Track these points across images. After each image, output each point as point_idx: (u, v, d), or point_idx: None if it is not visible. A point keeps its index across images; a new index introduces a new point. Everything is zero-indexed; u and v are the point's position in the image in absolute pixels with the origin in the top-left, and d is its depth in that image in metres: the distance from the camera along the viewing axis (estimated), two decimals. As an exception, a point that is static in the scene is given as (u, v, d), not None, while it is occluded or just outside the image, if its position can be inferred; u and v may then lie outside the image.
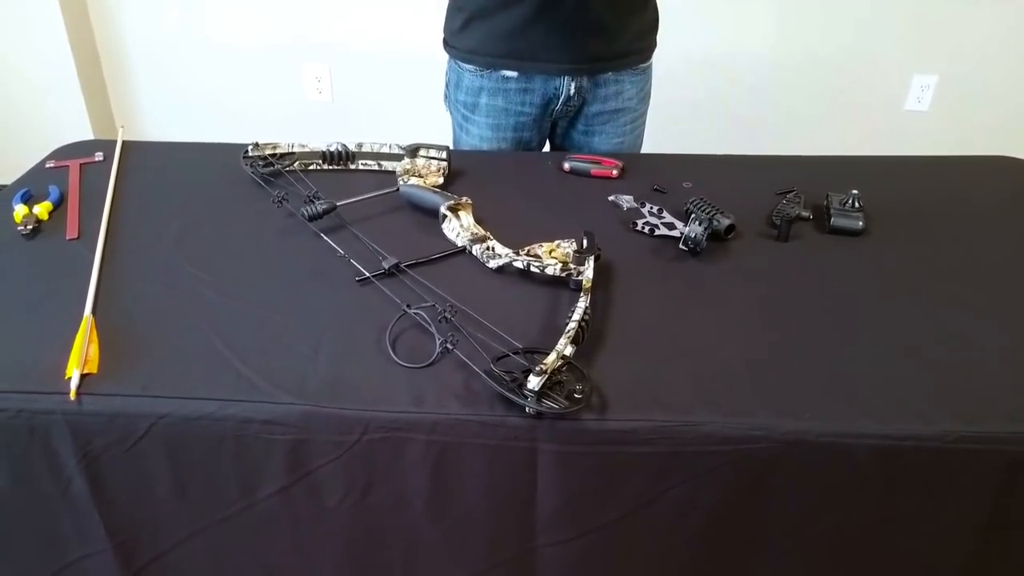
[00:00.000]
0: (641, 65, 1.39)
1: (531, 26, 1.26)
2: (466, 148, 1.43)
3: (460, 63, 1.38)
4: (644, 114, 1.46)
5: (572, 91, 1.33)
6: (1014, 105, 2.64)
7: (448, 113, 1.48)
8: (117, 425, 0.78)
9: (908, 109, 2.68)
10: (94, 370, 0.80)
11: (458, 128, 1.45)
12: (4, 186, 1.22)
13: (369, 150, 1.27)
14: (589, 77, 1.33)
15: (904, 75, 2.63)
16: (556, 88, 1.33)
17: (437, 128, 1.50)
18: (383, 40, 2.66)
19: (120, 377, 0.80)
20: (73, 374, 0.78)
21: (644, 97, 1.43)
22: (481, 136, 1.40)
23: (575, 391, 0.76)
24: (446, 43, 1.40)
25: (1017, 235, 1.08)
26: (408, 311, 0.87)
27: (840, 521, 0.80)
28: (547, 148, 1.49)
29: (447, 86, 1.44)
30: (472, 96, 1.38)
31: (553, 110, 1.37)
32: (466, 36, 1.34)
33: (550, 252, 0.97)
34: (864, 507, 0.79)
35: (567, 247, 0.97)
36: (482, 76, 1.35)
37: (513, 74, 1.33)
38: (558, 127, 1.43)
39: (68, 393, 0.77)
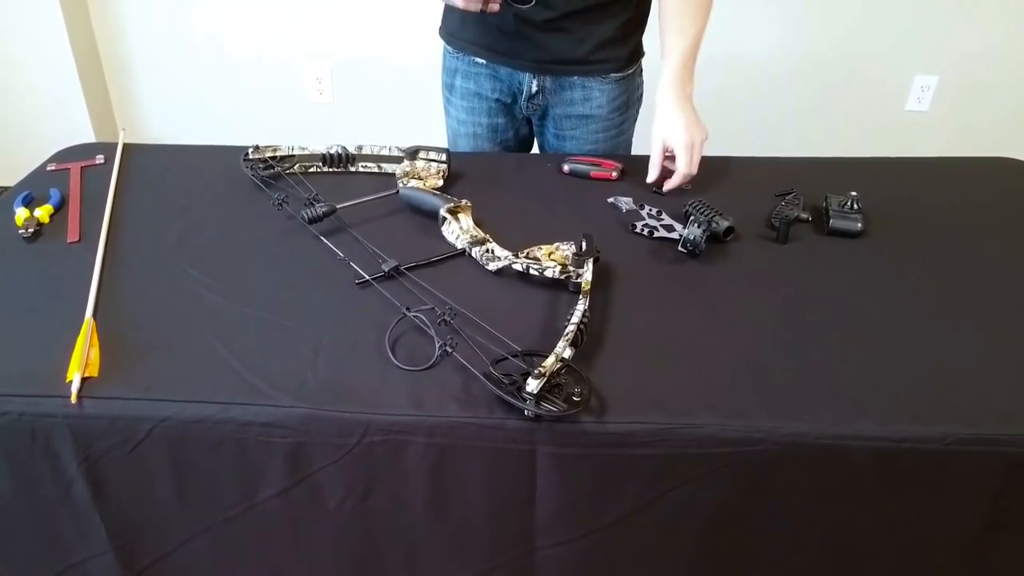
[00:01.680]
0: (613, 75, 1.34)
1: (497, 18, 1.26)
2: (449, 132, 1.47)
3: (444, 44, 1.41)
4: (622, 125, 1.40)
5: (535, 89, 1.34)
6: (1015, 106, 2.63)
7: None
8: (118, 428, 0.78)
9: (909, 109, 2.68)
10: (95, 373, 0.80)
11: (444, 111, 1.48)
12: (5, 189, 1.23)
13: (369, 152, 1.27)
14: (553, 78, 1.33)
15: (905, 75, 2.63)
16: (520, 82, 1.35)
17: (437, 130, 1.50)
18: (384, 42, 2.67)
19: (121, 380, 0.80)
20: (74, 377, 0.79)
21: (619, 108, 1.37)
22: (459, 119, 1.43)
23: (574, 394, 0.76)
24: (441, 26, 1.42)
25: (1016, 237, 1.08)
26: (407, 314, 0.87)
27: (839, 523, 0.80)
28: (535, 149, 1.49)
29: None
30: (450, 77, 1.42)
31: (520, 104, 1.38)
32: (449, 18, 1.38)
33: (549, 254, 0.97)
34: (863, 509, 0.79)
35: (566, 249, 0.97)
36: (457, 58, 1.39)
37: (482, 60, 1.36)
38: (533, 125, 1.44)
39: (69, 396, 0.77)
